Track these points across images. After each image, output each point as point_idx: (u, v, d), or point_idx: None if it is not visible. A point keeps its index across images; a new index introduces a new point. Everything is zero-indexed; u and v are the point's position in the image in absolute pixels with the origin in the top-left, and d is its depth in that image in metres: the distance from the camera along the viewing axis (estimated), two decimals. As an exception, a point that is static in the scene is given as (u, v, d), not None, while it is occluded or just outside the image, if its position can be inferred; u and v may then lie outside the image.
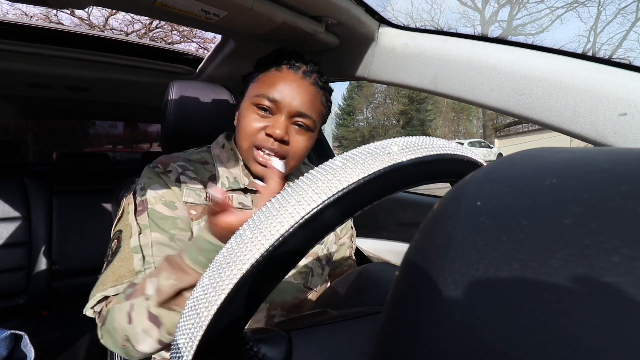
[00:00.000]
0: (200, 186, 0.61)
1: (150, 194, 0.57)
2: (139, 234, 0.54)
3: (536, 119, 0.54)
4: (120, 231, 0.57)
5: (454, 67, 0.63)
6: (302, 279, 0.66)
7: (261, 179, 0.66)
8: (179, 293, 0.45)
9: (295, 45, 0.79)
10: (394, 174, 0.22)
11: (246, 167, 0.65)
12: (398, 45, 0.71)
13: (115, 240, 0.56)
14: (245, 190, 0.65)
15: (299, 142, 0.62)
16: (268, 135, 0.59)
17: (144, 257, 0.52)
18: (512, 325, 0.11)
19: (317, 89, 0.63)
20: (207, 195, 0.61)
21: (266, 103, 0.59)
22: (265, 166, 0.60)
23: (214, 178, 0.64)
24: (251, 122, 0.60)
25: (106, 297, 0.50)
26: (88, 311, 0.51)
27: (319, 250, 0.70)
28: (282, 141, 0.60)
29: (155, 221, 0.55)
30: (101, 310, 0.50)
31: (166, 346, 0.47)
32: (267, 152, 0.60)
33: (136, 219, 0.56)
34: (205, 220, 0.45)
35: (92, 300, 0.51)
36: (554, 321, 0.11)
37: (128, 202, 0.59)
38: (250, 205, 0.63)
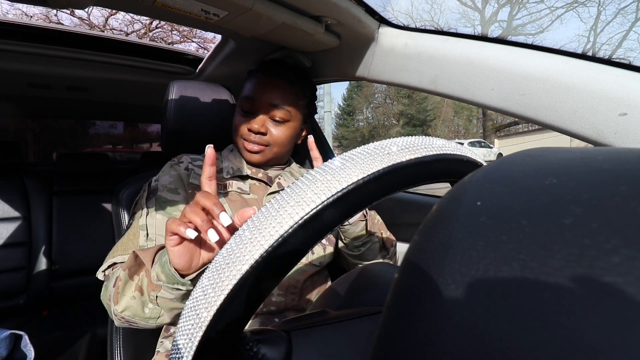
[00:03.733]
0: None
1: (161, 182, 0.69)
2: (147, 215, 0.65)
3: (536, 119, 0.54)
4: (134, 212, 0.68)
5: (454, 67, 0.63)
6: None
7: (255, 165, 0.76)
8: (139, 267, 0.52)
9: (295, 45, 0.79)
10: (394, 174, 0.22)
11: (247, 162, 0.76)
12: (398, 45, 0.71)
13: (132, 219, 0.68)
14: (245, 177, 0.75)
15: (277, 131, 0.72)
16: (249, 130, 0.71)
17: (147, 234, 0.63)
18: (512, 325, 0.11)
19: (288, 84, 0.72)
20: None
21: (246, 103, 0.72)
22: (252, 152, 0.72)
23: (220, 171, 0.74)
24: (237, 121, 0.74)
25: (114, 264, 0.61)
26: (99, 274, 0.61)
27: None
28: (260, 133, 0.71)
29: (161, 205, 0.66)
30: (108, 273, 0.61)
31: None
32: (251, 143, 0.72)
33: (146, 203, 0.67)
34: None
35: (103, 266, 0.61)
36: (554, 321, 0.11)
37: (144, 189, 0.70)
38: (248, 191, 0.73)
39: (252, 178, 0.75)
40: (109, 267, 0.61)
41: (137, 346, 0.76)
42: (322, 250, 0.75)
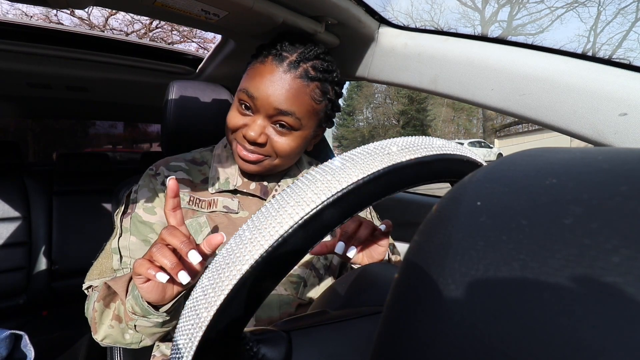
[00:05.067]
0: (186, 189, 0.62)
1: (138, 198, 0.61)
2: (120, 236, 0.59)
3: (536, 119, 0.54)
4: (113, 228, 0.63)
5: (454, 67, 0.63)
6: (293, 290, 0.62)
7: (250, 175, 0.65)
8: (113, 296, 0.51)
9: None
10: (394, 174, 0.22)
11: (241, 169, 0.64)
12: (398, 45, 0.71)
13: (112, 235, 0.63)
14: (234, 192, 0.64)
15: (280, 142, 0.57)
16: (244, 136, 0.57)
17: (121, 257, 0.58)
18: (512, 325, 0.11)
19: (305, 82, 0.55)
20: (190, 198, 0.61)
21: (245, 99, 0.57)
22: (247, 161, 0.59)
23: (206, 180, 0.64)
24: (232, 117, 0.59)
25: (91, 286, 0.59)
26: (85, 290, 0.60)
27: (313, 258, 0.65)
28: (257, 144, 0.57)
29: (136, 225, 0.59)
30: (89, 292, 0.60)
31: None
32: (245, 150, 0.59)
33: (121, 221, 0.61)
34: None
35: (84, 285, 0.60)
36: (554, 321, 0.11)
37: (122, 203, 0.64)
38: (236, 209, 0.62)
39: (243, 193, 0.64)
40: (88, 287, 0.60)
41: (137, 346, 0.76)
42: (316, 282, 0.64)
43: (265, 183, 0.66)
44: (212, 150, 0.70)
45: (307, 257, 0.65)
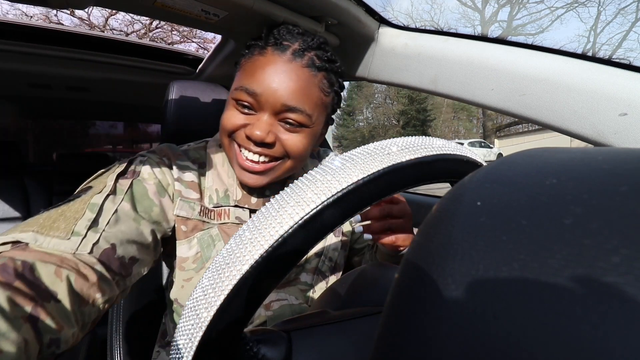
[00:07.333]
0: (195, 196, 0.53)
1: (147, 169, 0.49)
2: (108, 194, 0.43)
3: (536, 119, 0.54)
4: (89, 187, 0.44)
5: (454, 67, 0.63)
6: (304, 298, 0.59)
7: (249, 189, 0.56)
8: None
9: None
10: (394, 175, 0.22)
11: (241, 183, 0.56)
12: (398, 45, 0.71)
13: (80, 192, 0.44)
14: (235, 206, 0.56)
15: (292, 140, 0.51)
16: (248, 138, 0.50)
17: (96, 221, 0.40)
18: (512, 325, 0.11)
19: (312, 72, 0.50)
20: (202, 209, 0.53)
21: (245, 98, 0.49)
22: (249, 171, 0.51)
23: (201, 194, 0.54)
24: (229, 117, 0.51)
25: (18, 243, 0.35)
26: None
27: (318, 263, 0.63)
28: (265, 144, 0.50)
29: (134, 193, 0.46)
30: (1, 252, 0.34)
31: None
32: (250, 157, 0.51)
33: (116, 181, 0.45)
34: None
35: (2, 237, 0.36)
36: (554, 322, 0.11)
37: (117, 165, 0.49)
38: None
39: (244, 208, 0.56)
40: (4, 243, 0.35)
41: (137, 346, 0.76)
42: (324, 285, 0.61)
43: (267, 192, 0.59)
44: (205, 148, 0.60)
45: (314, 262, 0.64)
